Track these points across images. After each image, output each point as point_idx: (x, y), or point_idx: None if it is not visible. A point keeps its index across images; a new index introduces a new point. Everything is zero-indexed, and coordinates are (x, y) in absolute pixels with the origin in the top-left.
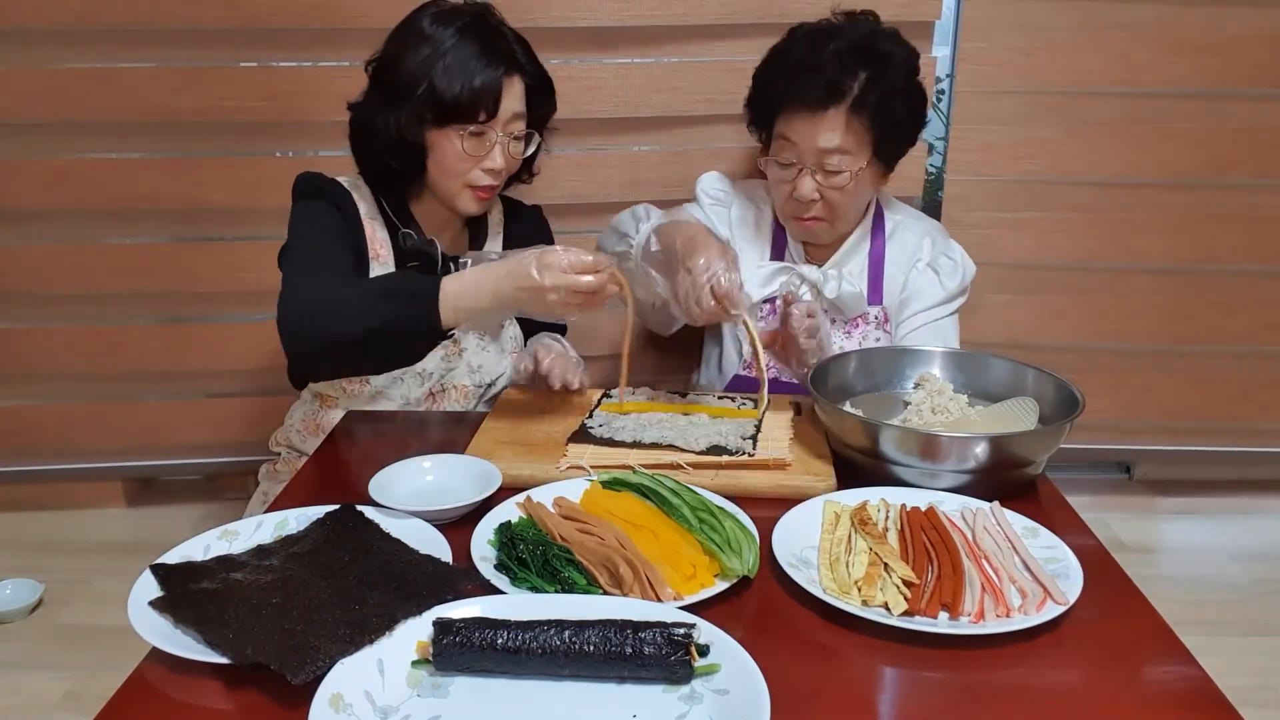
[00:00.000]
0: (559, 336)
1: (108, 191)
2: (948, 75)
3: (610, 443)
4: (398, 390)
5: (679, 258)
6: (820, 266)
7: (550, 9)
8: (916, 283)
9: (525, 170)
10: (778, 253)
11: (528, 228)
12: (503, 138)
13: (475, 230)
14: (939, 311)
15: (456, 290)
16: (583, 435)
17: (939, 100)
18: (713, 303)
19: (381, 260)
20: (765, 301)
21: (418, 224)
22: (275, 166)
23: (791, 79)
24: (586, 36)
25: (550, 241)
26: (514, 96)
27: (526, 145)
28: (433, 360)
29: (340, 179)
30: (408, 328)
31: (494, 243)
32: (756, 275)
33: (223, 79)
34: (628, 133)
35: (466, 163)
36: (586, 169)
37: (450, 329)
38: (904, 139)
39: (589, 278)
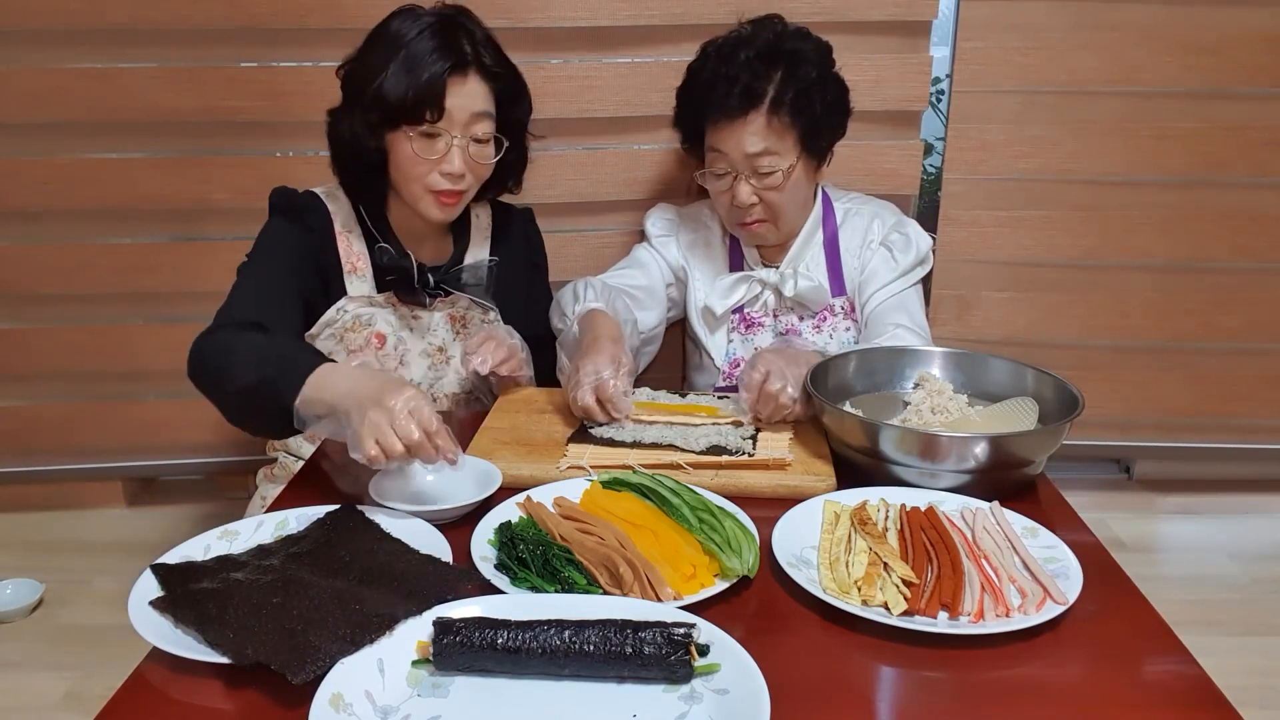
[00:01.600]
0: (512, 329)
1: (108, 191)
2: (946, 75)
3: (610, 443)
4: None
5: (581, 352)
6: (778, 268)
7: (550, 9)
8: (871, 263)
9: (510, 177)
10: (735, 263)
11: (517, 235)
12: (461, 140)
13: (459, 238)
14: (897, 285)
15: (319, 381)
16: (583, 435)
17: (937, 100)
18: (591, 401)
19: (359, 274)
20: (734, 312)
21: (394, 233)
22: (275, 166)
23: (709, 91)
24: (586, 36)
25: (539, 247)
26: (469, 95)
27: (496, 150)
28: (419, 368)
29: (317, 189)
30: (265, 396)
31: (480, 250)
32: (717, 288)
33: (223, 79)
34: (627, 132)
35: (421, 165)
36: (586, 168)
37: (302, 417)
38: (829, 129)
39: (416, 434)
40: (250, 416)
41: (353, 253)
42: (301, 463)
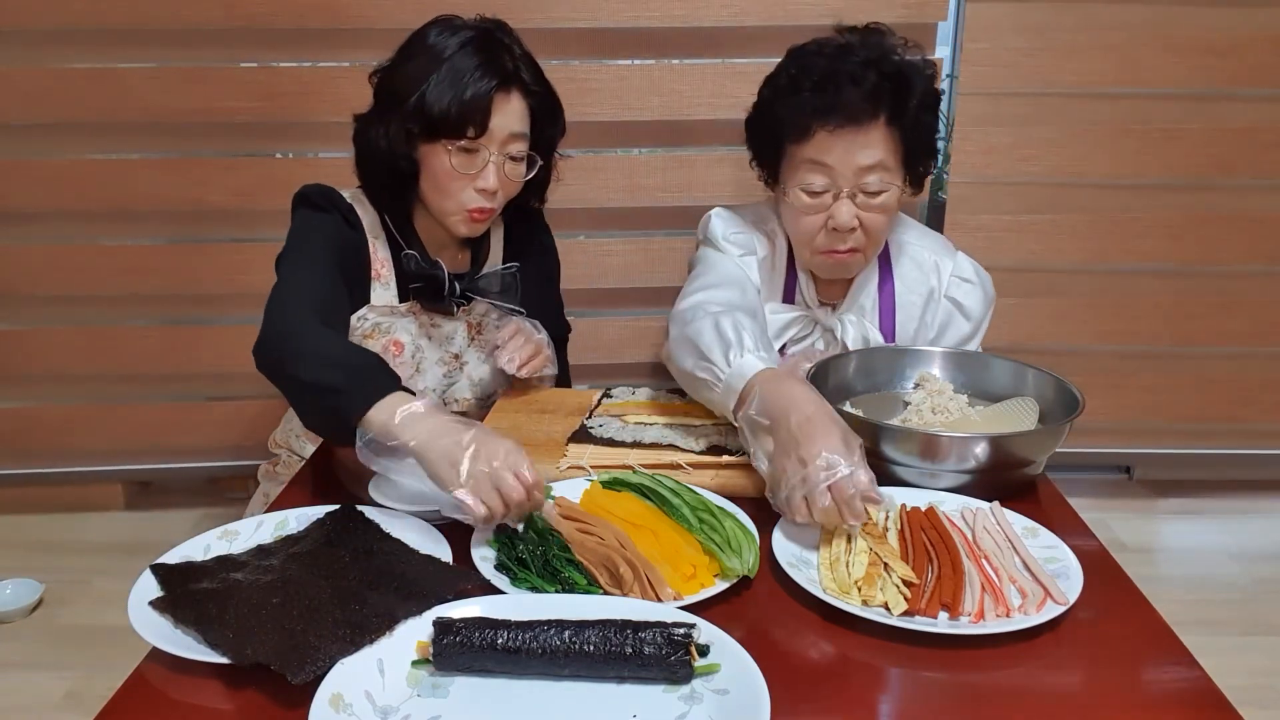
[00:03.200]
0: (538, 323)
1: (107, 192)
2: (950, 76)
3: (610, 443)
4: None
5: (791, 440)
6: (835, 309)
7: (549, 10)
8: (938, 320)
9: (536, 195)
10: (789, 291)
11: (532, 240)
12: (498, 157)
13: (478, 246)
14: (970, 346)
15: (393, 410)
16: (583, 435)
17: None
18: (829, 502)
19: (383, 280)
20: (780, 349)
21: (420, 242)
22: (275, 167)
23: (824, 92)
24: (586, 38)
25: (552, 249)
26: (511, 114)
27: (528, 168)
28: (434, 375)
29: (343, 192)
30: (337, 400)
31: (497, 257)
32: (772, 322)
33: (223, 79)
34: (627, 136)
35: (458, 181)
36: (586, 172)
37: (367, 440)
38: (930, 152)
39: (514, 484)
40: (314, 417)
41: (378, 259)
42: (303, 462)
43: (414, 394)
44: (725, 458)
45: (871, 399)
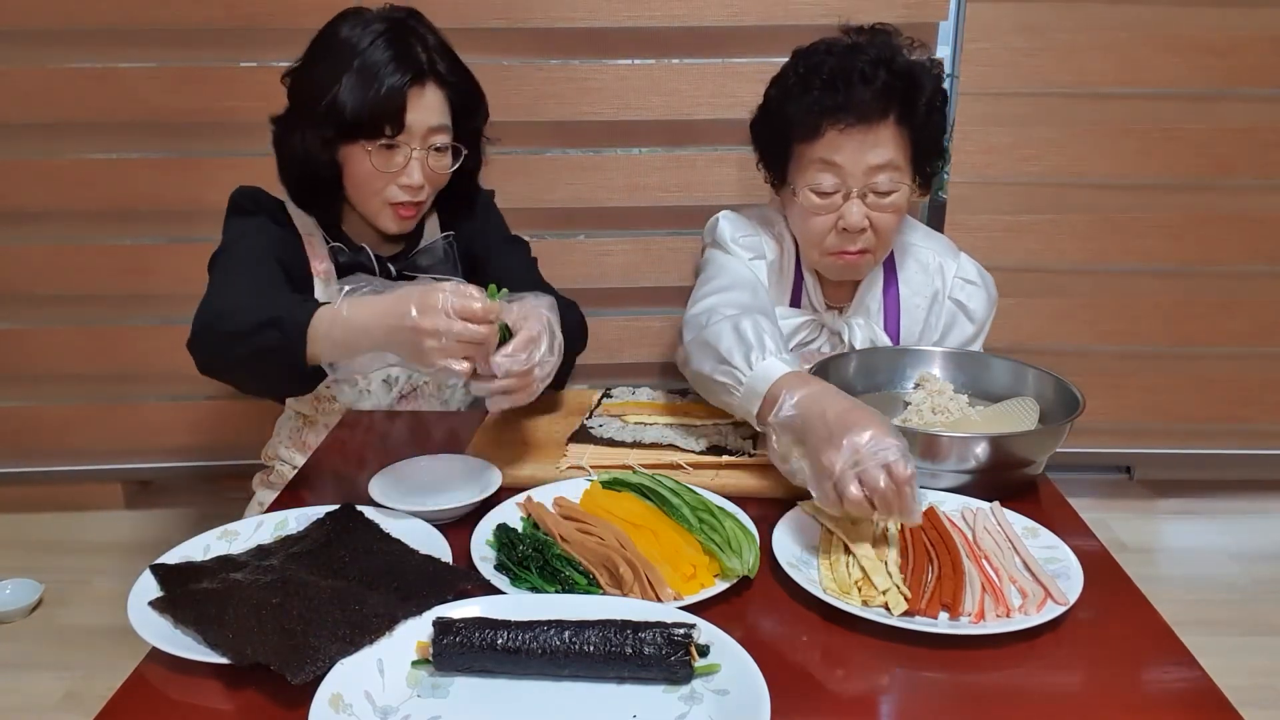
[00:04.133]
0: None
1: (107, 192)
2: (950, 76)
3: (610, 443)
4: (368, 402)
5: (830, 431)
6: (842, 312)
7: (550, 10)
8: (942, 322)
9: (467, 183)
10: (795, 294)
11: (467, 211)
12: (420, 152)
13: (411, 242)
14: (973, 348)
15: (327, 325)
16: (583, 435)
17: None
18: (885, 482)
19: (321, 276)
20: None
21: (347, 237)
22: (273, 167)
23: (835, 91)
24: (586, 38)
25: (499, 223)
26: (427, 108)
27: (454, 159)
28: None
29: (278, 196)
30: (276, 358)
31: (431, 236)
32: (781, 325)
33: (222, 79)
34: (628, 136)
35: (379, 179)
36: (586, 172)
37: (319, 366)
38: (939, 152)
39: (475, 326)
40: (253, 381)
41: (317, 255)
42: (294, 470)
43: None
44: (725, 458)
45: (871, 399)
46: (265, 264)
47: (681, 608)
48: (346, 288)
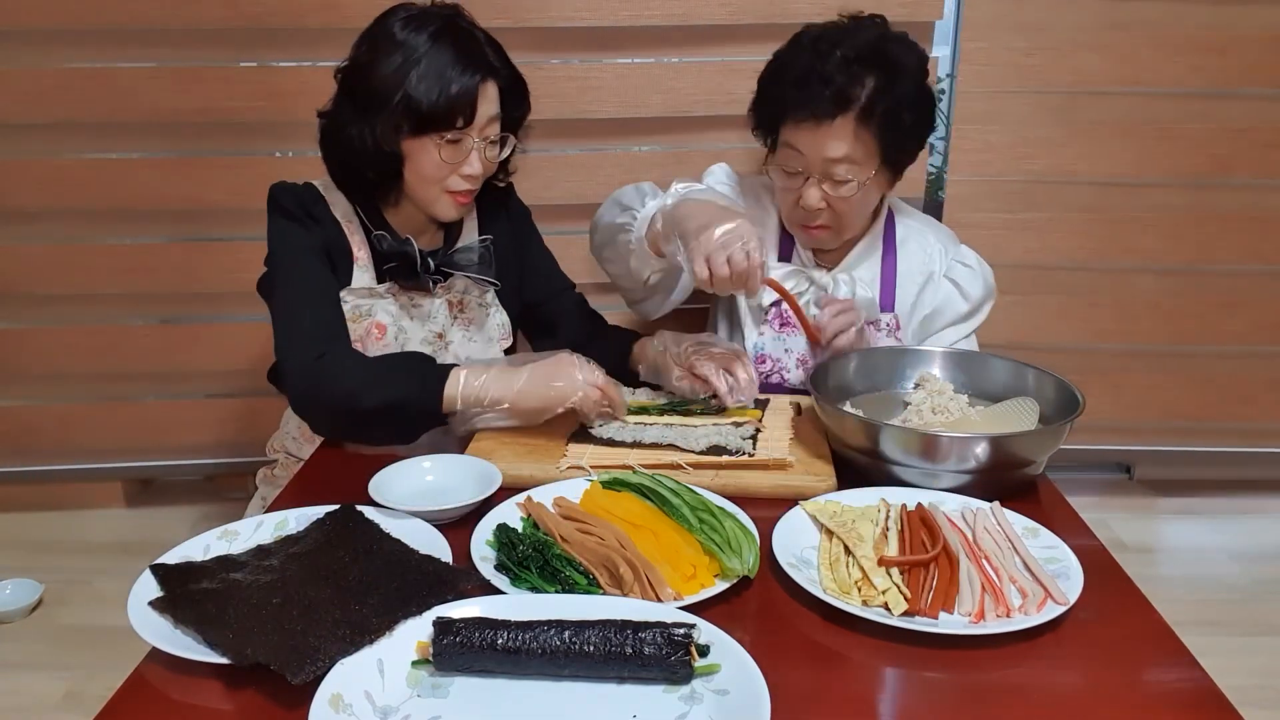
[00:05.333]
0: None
1: (108, 191)
2: (949, 75)
3: (610, 443)
4: None
5: (710, 219)
6: (830, 270)
7: (550, 9)
8: (935, 298)
9: (501, 171)
10: (785, 253)
11: (500, 209)
12: (479, 143)
13: (449, 226)
14: (962, 330)
15: (466, 377)
16: (583, 435)
17: (939, 100)
18: (725, 270)
19: (360, 264)
20: (772, 305)
21: (391, 228)
22: (275, 166)
23: (798, 88)
24: (586, 36)
25: (524, 214)
26: (489, 101)
27: (501, 148)
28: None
29: (314, 182)
30: (413, 405)
31: (470, 232)
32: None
33: (223, 79)
34: (628, 133)
35: (444, 170)
36: (586, 169)
37: (460, 411)
38: (912, 146)
39: (602, 384)
40: (382, 429)
41: (355, 242)
42: (300, 463)
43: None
44: (725, 458)
45: (871, 399)
46: (324, 289)
47: (681, 608)
48: (470, 377)
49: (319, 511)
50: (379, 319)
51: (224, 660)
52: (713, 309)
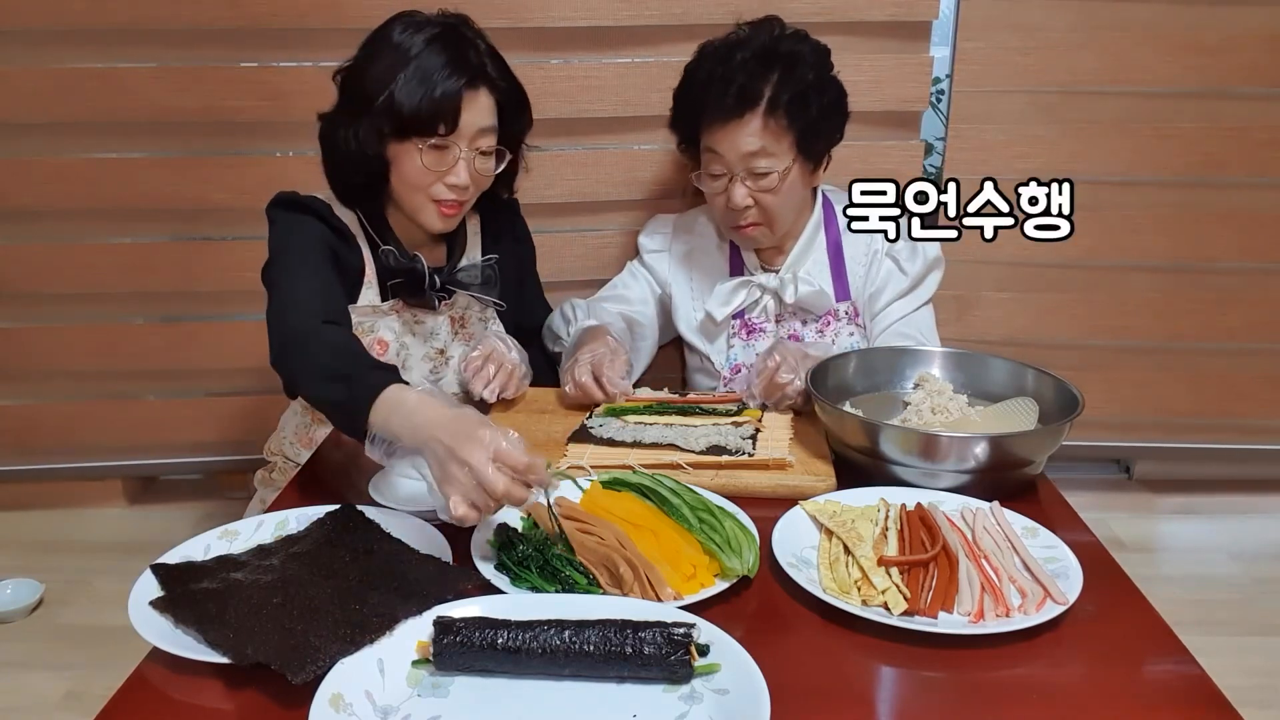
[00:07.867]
0: (510, 340)
1: (109, 191)
2: (946, 75)
3: (610, 443)
4: None
5: (577, 348)
6: (777, 272)
7: (550, 8)
8: (878, 276)
9: (505, 187)
10: (736, 268)
11: (506, 229)
12: (468, 153)
13: (454, 240)
14: (908, 304)
15: (391, 405)
16: (583, 435)
17: (938, 101)
18: (588, 378)
19: (367, 281)
20: (735, 317)
21: (396, 238)
22: (276, 166)
23: (706, 92)
24: (586, 36)
25: (526, 237)
26: (479, 110)
27: (498, 162)
28: (420, 371)
29: (319, 195)
30: (342, 413)
31: (474, 250)
32: (717, 294)
33: (223, 79)
34: (626, 132)
35: (428, 177)
36: (585, 168)
37: (377, 440)
38: (825, 133)
39: (502, 484)
40: (333, 422)
41: (362, 259)
42: (298, 467)
43: (408, 384)
44: (725, 458)
45: (871, 399)
46: (320, 270)
47: (681, 607)
48: (426, 385)
49: (319, 511)
50: (382, 335)
51: (224, 660)
52: (682, 344)
